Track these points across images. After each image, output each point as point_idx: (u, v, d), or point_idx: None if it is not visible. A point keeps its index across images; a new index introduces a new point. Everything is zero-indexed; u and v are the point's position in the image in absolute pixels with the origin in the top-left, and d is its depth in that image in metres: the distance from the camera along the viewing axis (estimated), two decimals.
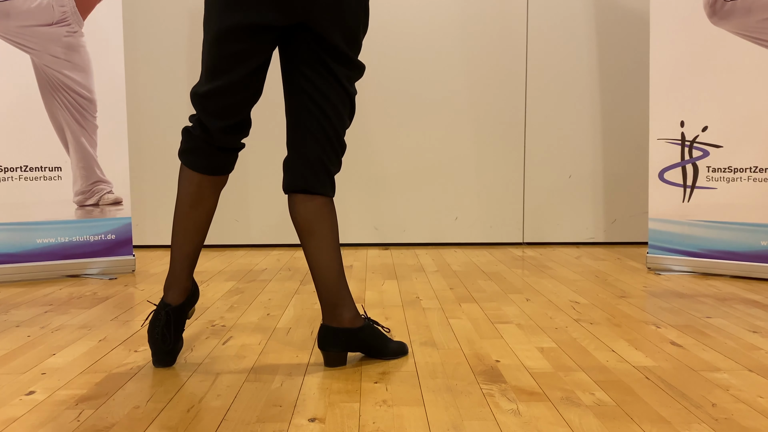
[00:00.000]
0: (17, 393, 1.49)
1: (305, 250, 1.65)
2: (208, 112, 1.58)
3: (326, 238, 1.63)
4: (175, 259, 1.67)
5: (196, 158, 1.62)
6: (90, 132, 2.93)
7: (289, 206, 1.65)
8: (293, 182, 1.63)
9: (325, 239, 1.63)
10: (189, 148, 1.63)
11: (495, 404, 1.41)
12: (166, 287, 1.68)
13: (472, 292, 2.55)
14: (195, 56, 3.75)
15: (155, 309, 1.68)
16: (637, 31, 3.79)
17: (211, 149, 1.62)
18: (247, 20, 1.50)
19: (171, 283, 1.67)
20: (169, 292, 1.67)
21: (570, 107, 3.82)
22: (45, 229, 2.86)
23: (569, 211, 3.87)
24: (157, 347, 1.65)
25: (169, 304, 1.66)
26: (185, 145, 1.64)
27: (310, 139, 1.61)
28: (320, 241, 1.62)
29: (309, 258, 1.65)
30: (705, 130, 2.86)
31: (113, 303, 2.40)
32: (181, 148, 1.65)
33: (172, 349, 1.66)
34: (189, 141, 1.63)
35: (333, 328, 1.65)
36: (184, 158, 1.64)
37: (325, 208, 1.63)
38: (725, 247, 2.83)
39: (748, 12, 2.71)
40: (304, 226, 1.63)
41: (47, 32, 2.82)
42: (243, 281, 2.81)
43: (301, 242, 1.65)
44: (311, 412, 1.37)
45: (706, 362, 1.68)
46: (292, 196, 1.64)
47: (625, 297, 2.45)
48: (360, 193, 3.84)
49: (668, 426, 1.29)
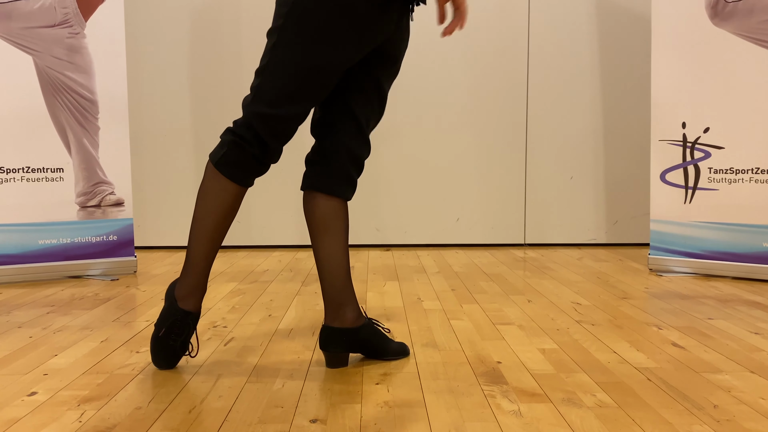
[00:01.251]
0: (19, 394, 1.50)
1: (316, 247, 1.65)
2: (275, 133, 1.56)
3: (339, 236, 1.64)
4: (199, 267, 1.62)
5: (241, 171, 1.58)
6: (92, 133, 2.93)
7: (305, 202, 1.65)
8: (317, 182, 1.63)
9: (337, 237, 1.63)
10: (236, 161, 1.57)
11: (496, 405, 1.41)
12: (184, 295, 1.63)
13: (474, 294, 2.55)
14: (197, 57, 3.76)
15: (174, 318, 1.62)
16: (638, 33, 3.79)
17: (259, 164, 1.60)
18: (348, 57, 1.53)
19: (192, 291, 1.63)
20: (189, 299, 1.63)
21: (571, 108, 3.82)
22: (47, 230, 2.86)
23: (571, 212, 3.87)
24: (174, 354, 1.64)
25: (190, 312, 1.63)
26: (232, 158, 1.57)
27: (343, 143, 1.63)
28: (333, 239, 1.63)
29: (319, 255, 1.65)
30: (707, 132, 2.86)
31: (115, 304, 2.40)
32: (225, 159, 1.57)
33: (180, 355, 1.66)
34: (238, 155, 1.57)
35: (334, 329, 1.65)
36: (227, 170, 1.57)
37: (341, 208, 1.64)
38: (727, 248, 2.83)
39: (749, 13, 2.71)
40: (320, 223, 1.63)
41: (49, 34, 2.82)
42: (245, 282, 2.81)
43: (313, 239, 1.65)
44: (313, 413, 1.37)
45: (707, 364, 1.68)
46: (312, 193, 1.64)
47: (626, 298, 2.45)
48: (361, 194, 3.84)
49: (670, 427, 1.29)
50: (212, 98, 3.79)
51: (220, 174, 1.58)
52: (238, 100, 3.78)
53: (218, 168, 1.57)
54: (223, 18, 3.75)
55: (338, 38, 1.50)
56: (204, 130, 3.80)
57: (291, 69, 1.52)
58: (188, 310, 1.63)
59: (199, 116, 3.79)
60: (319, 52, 1.50)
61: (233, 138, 1.57)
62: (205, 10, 3.75)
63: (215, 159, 1.58)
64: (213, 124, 3.80)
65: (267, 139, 1.56)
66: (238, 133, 1.57)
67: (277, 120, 1.55)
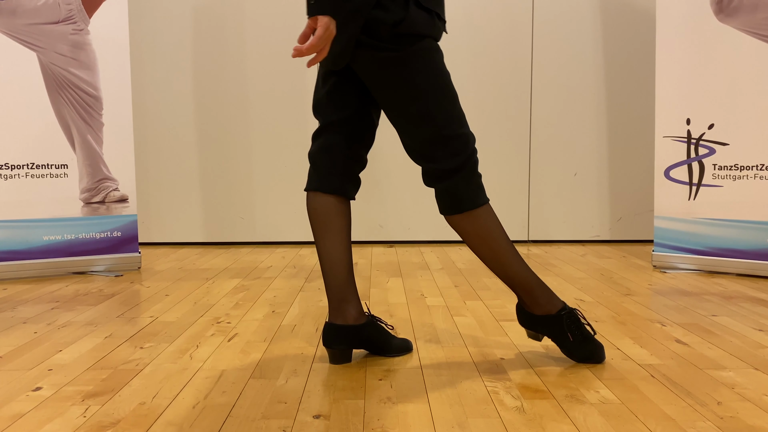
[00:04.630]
0: (24, 389, 1.50)
1: (319, 244, 1.66)
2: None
3: (341, 233, 1.65)
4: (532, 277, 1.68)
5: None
6: (96, 129, 2.94)
7: (309, 199, 1.66)
8: (328, 185, 1.64)
9: (340, 234, 1.65)
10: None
11: (499, 401, 1.41)
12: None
13: (477, 290, 2.55)
14: (200, 53, 3.76)
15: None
16: (643, 28, 3.78)
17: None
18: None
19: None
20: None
21: (575, 105, 3.81)
22: (51, 226, 2.87)
23: (574, 208, 3.86)
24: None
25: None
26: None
27: (349, 144, 1.65)
28: (335, 236, 1.64)
29: (322, 252, 1.66)
30: (711, 128, 2.85)
31: (119, 300, 2.41)
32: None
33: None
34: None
35: (337, 326, 1.65)
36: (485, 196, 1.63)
37: (343, 205, 1.66)
38: (731, 245, 2.82)
39: (754, 9, 2.70)
40: (322, 220, 1.64)
41: (53, 30, 2.83)
42: (248, 278, 2.81)
43: (316, 236, 1.66)
44: (316, 409, 1.38)
45: (711, 360, 1.68)
46: (314, 191, 1.65)
47: (630, 295, 2.45)
48: (364, 191, 3.84)
49: (673, 424, 1.29)
50: (216, 94, 3.79)
51: (487, 204, 1.62)
52: (241, 95, 3.78)
53: (485, 203, 1.61)
54: (227, 14, 3.75)
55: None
56: (207, 126, 3.80)
57: (453, 93, 1.58)
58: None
59: (202, 112, 3.79)
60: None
61: (476, 167, 1.61)
62: (209, 6, 3.75)
63: (484, 200, 1.60)
64: (216, 120, 3.80)
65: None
66: (475, 160, 1.59)
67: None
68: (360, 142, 1.66)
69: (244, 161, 3.82)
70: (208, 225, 3.85)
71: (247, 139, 3.81)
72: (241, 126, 3.81)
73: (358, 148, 1.66)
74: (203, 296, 2.46)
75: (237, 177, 3.83)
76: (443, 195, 1.60)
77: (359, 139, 1.66)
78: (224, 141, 3.81)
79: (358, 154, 1.67)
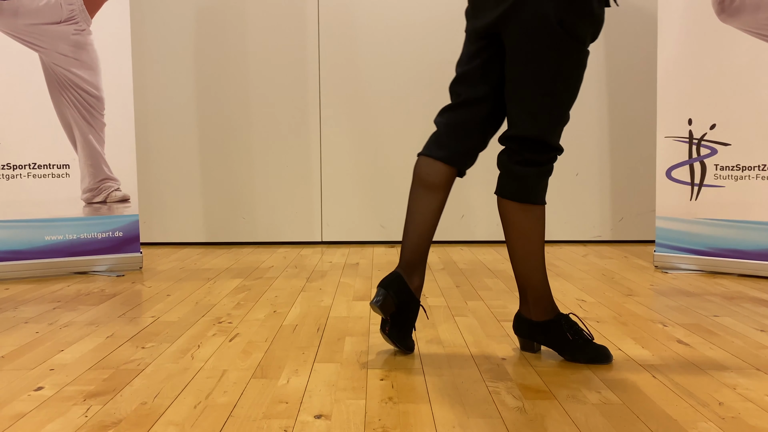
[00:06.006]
0: (26, 389, 1.50)
1: (415, 203, 1.72)
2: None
3: (441, 205, 1.71)
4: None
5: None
6: (98, 130, 2.94)
7: (423, 163, 1.72)
8: (451, 158, 1.71)
9: (440, 206, 1.71)
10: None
11: (501, 402, 1.41)
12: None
13: (478, 290, 2.55)
14: (202, 54, 3.76)
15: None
16: (644, 28, 3.77)
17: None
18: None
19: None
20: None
21: (577, 105, 3.81)
22: (53, 226, 2.88)
23: (576, 209, 3.86)
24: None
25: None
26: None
27: (491, 130, 1.74)
28: (437, 204, 1.70)
29: (415, 211, 1.71)
30: (713, 128, 2.85)
31: (121, 300, 2.41)
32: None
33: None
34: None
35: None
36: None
37: (453, 179, 1.74)
38: (733, 245, 2.82)
39: (756, 9, 2.70)
40: (430, 186, 1.71)
41: (55, 30, 2.83)
42: (250, 278, 2.81)
43: (415, 196, 1.72)
44: (317, 409, 1.38)
45: (713, 361, 1.68)
46: (435, 162, 1.71)
47: (632, 295, 2.45)
48: (366, 191, 3.84)
49: (675, 425, 1.29)
50: (218, 94, 3.79)
51: (544, 207, 1.68)
52: (243, 96, 3.78)
53: (544, 204, 1.68)
54: (229, 15, 3.76)
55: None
56: (209, 126, 3.80)
57: (578, 85, 1.65)
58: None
59: (204, 112, 3.80)
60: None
61: (552, 169, 1.68)
62: (211, 6, 3.75)
63: (544, 201, 1.67)
64: (218, 120, 3.80)
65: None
66: (555, 161, 1.67)
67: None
68: (492, 125, 1.71)
69: (246, 161, 3.82)
70: (210, 225, 3.85)
71: (248, 140, 3.82)
72: (243, 126, 3.81)
73: (489, 130, 1.72)
74: (205, 296, 2.47)
75: (238, 177, 3.83)
76: (515, 179, 1.64)
77: (493, 121, 1.71)
78: (226, 141, 3.82)
79: (487, 135, 1.72)
